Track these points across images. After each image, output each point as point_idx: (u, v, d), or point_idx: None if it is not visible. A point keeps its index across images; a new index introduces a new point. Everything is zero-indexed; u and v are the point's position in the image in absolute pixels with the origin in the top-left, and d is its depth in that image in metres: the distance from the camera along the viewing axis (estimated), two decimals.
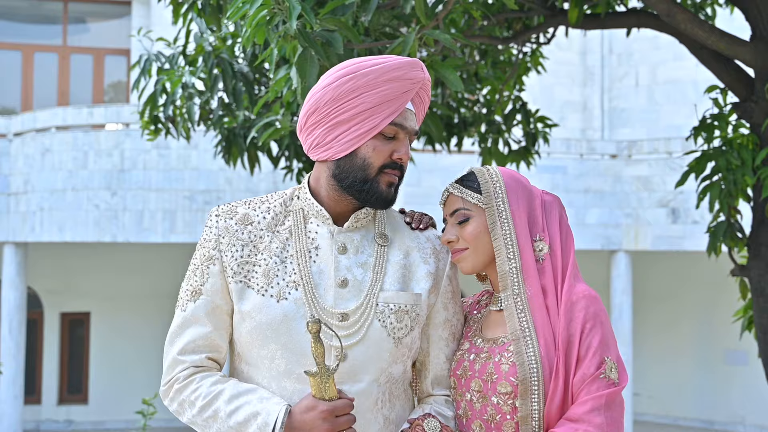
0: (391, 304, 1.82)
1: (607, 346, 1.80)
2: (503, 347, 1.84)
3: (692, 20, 3.72)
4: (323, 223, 1.86)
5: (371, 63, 1.79)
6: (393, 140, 1.82)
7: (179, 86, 4.71)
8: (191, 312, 1.82)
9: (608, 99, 14.48)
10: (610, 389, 1.75)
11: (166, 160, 10.86)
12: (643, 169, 12.02)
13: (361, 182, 1.80)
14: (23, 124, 11.42)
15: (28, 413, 13.24)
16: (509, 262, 1.85)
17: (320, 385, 1.67)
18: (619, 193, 12.08)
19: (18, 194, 11.33)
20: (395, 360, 1.83)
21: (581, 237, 12.04)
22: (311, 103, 1.81)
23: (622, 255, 12.15)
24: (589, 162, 12.19)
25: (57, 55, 14.46)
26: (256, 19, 2.71)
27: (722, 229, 4.02)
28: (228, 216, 1.86)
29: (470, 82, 5.47)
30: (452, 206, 1.93)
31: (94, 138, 11.01)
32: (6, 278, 11.54)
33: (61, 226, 10.90)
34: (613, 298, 12.28)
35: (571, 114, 14.49)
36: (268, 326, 1.78)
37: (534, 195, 1.93)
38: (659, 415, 13.91)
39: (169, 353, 1.82)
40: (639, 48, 14.06)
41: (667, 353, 13.87)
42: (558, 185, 12.05)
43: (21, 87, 14.32)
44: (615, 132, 14.26)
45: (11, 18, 14.52)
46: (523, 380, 1.77)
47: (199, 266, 1.84)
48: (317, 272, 1.82)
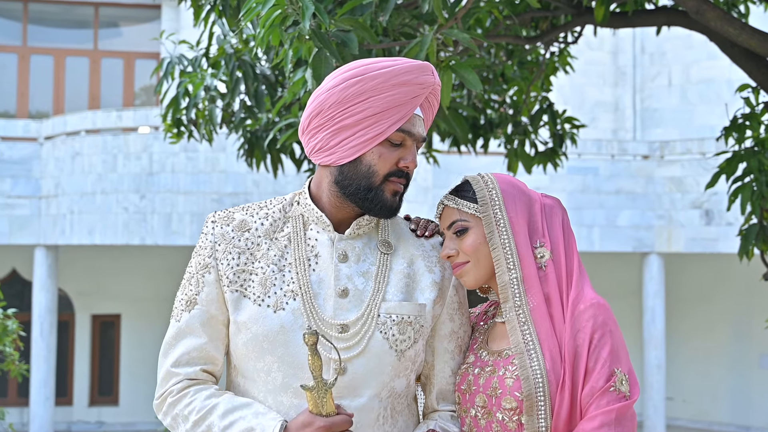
0: (394, 315, 1.74)
1: (618, 357, 1.70)
2: (507, 360, 1.75)
3: (722, 17, 3.62)
4: (323, 230, 1.78)
5: (380, 66, 1.71)
6: (400, 147, 1.74)
7: (201, 89, 4.69)
8: (186, 322, 1.75)
9: (640, 99, 14.29)
10: (620, 403, 1.66)
11: (194, 162, 10.88)
12: (676, 170, 11.88)
13: (365, 190, 1.72)
14: (54, 127, 11.52)
15: (60, 414, 13.35)
16: (509, 272, 1.76)
17: (317, 400, 1.59)
18: (651, 195, 11.94)
19: (49, 197, 11.43)
20: (398, 374, 1.74)
21: (613, 239, 11.92)
22: (315, 104, 1.73)
23: (655, 257, 12.01)
24: (620, 163, 12.06)
25: (88, 59, 14.58)
26: (270, 19, 2.67)
27: (754, 231, 3.91)
28: (224, 222, 1.79)
29: (496, 82, 5.39)
30: (449, 219, 1.84)
31: (123, 141, 11.07)
32: (37, 280, 11.64)
33: (91, 228, 10.97)
34: (646, 301, 12.15)
35: (602, 114, 14.33)
36: (265, 338, 1.70)
37: (533, 200, 1.83)
38: (693, 420, 13.71)
39: (163, 365, 1.75)
40: (672, 47, 13.86)
41: (701, 357, 13.67)
42: (589, 186, 11.94)
43: (53, 91, 14.46)
44: (647, 132, 14.07)
45: (43, 23, 14.66)
46: (528, 395, 1.68)
47: (194, 275, 1.77)
48: (316, 281, 1.74)
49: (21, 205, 11.52)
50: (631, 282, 13.46)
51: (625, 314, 13.85)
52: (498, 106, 5.51)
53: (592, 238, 11.94)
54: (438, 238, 1.89)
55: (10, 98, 14.41)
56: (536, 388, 1.68)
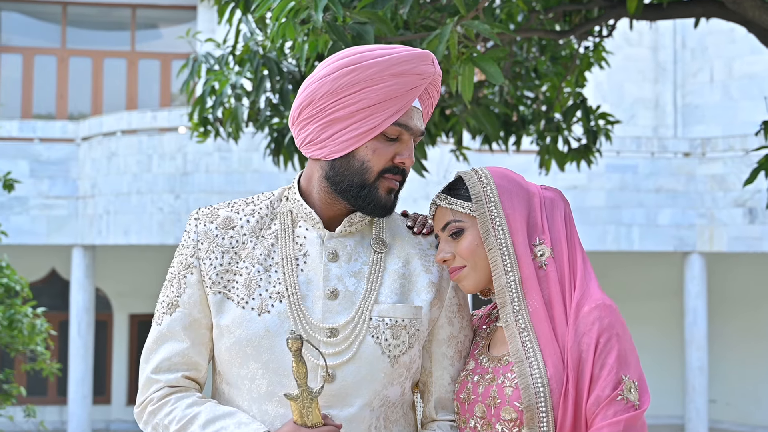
0: (387, 318, 1.61)
1: (626, 362, 1.55)
2: (507, 367, 1.62)
3: (760, 6, 3.47)
4: (312, 227, 1.67)
5: (376, 54, 1.58)
6: (396, 142, 1.62)
7: (227, 87, 4.63)
8: (167, 326, 1.64)
9: (681, 95, 14.02)
10: (629, 413, 1.51)
11: (228, 162, 10.89)
12: (718, 168, 11.66)
13: (358, 187, 1.60)
14: (90, 128, 11.61)
15: (98, 413, 13.46)
16: (506, 275, 1.62)
17: (302, 410, 1.48)
18: (692, 193, 11.73)
19: (86, 198, 11.52)
20: (391, 381, 1.62)
21: (653, 238, 11.73)
22: (306, 94, 1.61)
23: (696, 257, 11.80)
24: (660, 161, 11.87)
25: (126, 60, 14.69)
26: (283, 12, 2.59)
27: None
28: (208, 219, 1.68)
29: (529, 78, 5.28)
30: (442, 220, 1.69)
31: (157, 141, 11.11)
32: (75, 280, 11.74)
33: (126, 229, 11.03)
34: (687, 302, 11.95)
35: (642, 111, 14.09)
36: (249, 343, 1.59)
37: (532, 193, 1.69)
38: (737, 423, 13.43)
39: (143, 371, 1.65)
40: (713, 42, 13.59)
41: (745, 359, 13.39)
42: (628, 185, 11.76)
43: (91, 93, 14.59)
44: (688, 129, 13.81)
45: (82, 25, 14.81)
46: (528, 406, 1.55)
47: (176, 275, 1.67)
48: (305, 282, 1.62)
49: (59, 206, 11.63)
50: (672, 282, 13.23)
51: (665, 315, 13.62)
52: (531, 103, 5.39)
53: (632, 237, 11.75)
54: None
55: (50, 100, 14.57)
56: (537, 397, 1.54)
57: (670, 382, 13.31)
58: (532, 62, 5.19)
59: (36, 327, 5.91)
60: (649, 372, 13.65)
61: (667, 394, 13.43)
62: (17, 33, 14.55)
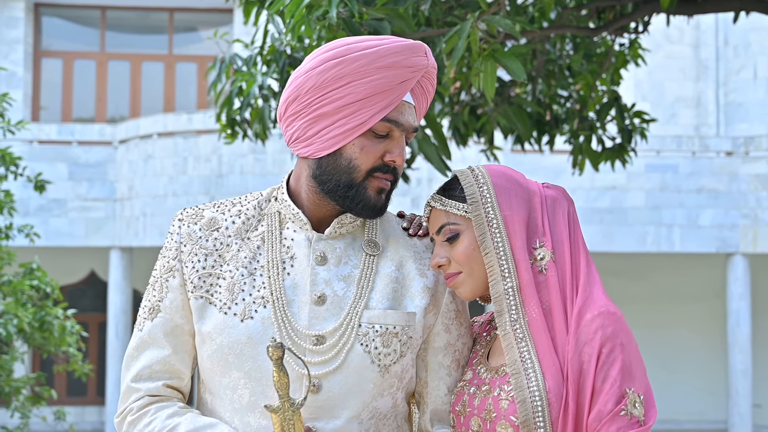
0: (377, 325, 1.52)
1: (630, 375, 1.44)
2: (503, 379, 1.51)
3: None
4: (300, 229, 1.58)
5: (364, 45, 1.49)
6: (386, 139, 1.53)
7: (254, 87, 4.60)
8: (148, 332, 1.57)
9: (724, 93, 13.75)
10: (633, 429, 1.41)
11: (262, 164, 10.90)
12: (762, 167, 11.43)
13: (345, 187, 1.52)
14: (127, 131, 11.71)
15: None
16: (504, 281, 1.51)
17: (284, 423, 1.39)
18: (735, 193, 11.49)
19: (123, 200, 11.62)
20: (381, 392, 1.52)
21: (694, 239, 11.52)
22: (291, 89, 1.53)
23: (740, 258, 11.56)
24: (702, 160, 11.64)
25: (163, 63, 14.81)
26: (298, 8, 2.53)
27: None
28: (192, 221, 1.60)
29: (562, 76, 5.17)
30: (437, 222, 1.59)
31: (193, 144, 11.17)
32: (112, 282, 11.84)
33: (162, 231, 11.10)
34: (730, 304, 11.71)
35: (683, 110, 13.84)
36: (230, 350, 1.51)
37: (532, 192, 1.58)
38: None
39: (123, 379, 1.58)
40: (757, 38, 13.30)
41: None
42: (668, 185, 11.56)
43: (129, 96, 14.73)
44: (731, 128, 13.53)
45: (120, 29, 14.95)
46: (525, 421, 1.44)
47: (158, 279, 1.59)
48: (291, 286, 1.53)
49: (97, 208, 11.76)
50: (715, 284, 12.98)
51: (707, 317, 13.37)
52: (564, 101, 5.28)
53: (672, 238, 11.53)
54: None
55: (89, 104, 14.73)
56: (534, 412, 1.44)
57: (712, 385, 13.06)
58: (565, 60, 5.08)
59: (66, 329, 5.95)
60: (691, 376, 13.42)
61: (709, 399, 13.17)
62: (57, 38, 14.74)
